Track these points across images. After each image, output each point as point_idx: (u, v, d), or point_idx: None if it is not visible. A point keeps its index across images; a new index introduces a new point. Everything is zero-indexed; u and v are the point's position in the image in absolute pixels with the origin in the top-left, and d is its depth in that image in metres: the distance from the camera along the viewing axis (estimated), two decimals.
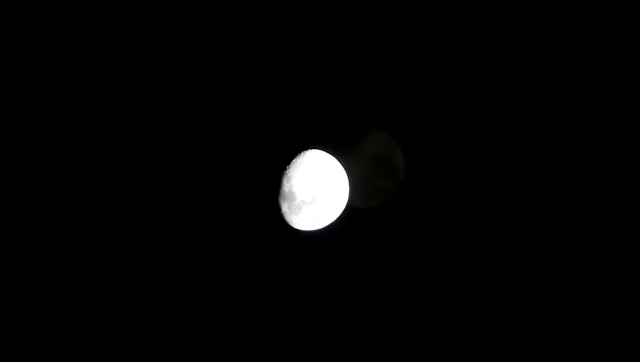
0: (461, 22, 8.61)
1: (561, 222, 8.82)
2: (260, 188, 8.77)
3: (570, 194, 8.80)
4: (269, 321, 8.96)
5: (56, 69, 8.43)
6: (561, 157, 8.79)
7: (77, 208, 8.65)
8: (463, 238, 9.00)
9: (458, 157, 8.91)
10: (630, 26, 8.43)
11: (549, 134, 8.78)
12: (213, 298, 8.88)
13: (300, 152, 8.72)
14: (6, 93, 8.34)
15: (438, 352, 9.01)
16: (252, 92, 8.74)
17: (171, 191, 8.76)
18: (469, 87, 8.76)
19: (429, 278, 9.05)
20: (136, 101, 8.66)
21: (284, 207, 8.66)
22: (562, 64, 8.64)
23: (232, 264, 8.87)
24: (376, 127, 8.87)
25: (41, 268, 8.60)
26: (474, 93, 8.77)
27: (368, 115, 8.81)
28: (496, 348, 8.90)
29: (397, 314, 9.11)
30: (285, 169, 8.68)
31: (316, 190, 8.60)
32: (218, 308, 8.90)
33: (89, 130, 8.59)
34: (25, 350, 8.56)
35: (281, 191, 8.66)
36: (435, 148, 8.91)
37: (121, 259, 8.74)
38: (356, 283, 9.07)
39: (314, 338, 8.99)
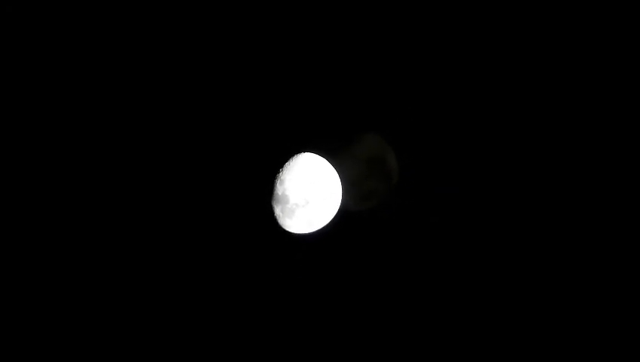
0: (453, 22, 8.61)
1: (560, 221, 8.81)
2: (253, 192, 8.77)
3: (570, 192, 8.79)
4: (263, 325, 8.96)
5: (57, 69, 8.45)
6: (559, 156, 8.78)
7: (71, 207, 8.67)
8: (458, 239, 9.00)
9: (450, 158, 8.91)
10: (630, 26, 8.43)
11: (545, 133, 8.78)
12: (205, 301, 8.88)
13: (293, 155, 8.72)
14: (6, 93, 8.36)
15: (439, 354, 9.00)
16: (245, 95, 8.75)
17: (165, 194, 8.77)
18: (460, 88, 8.76)
19: (424, 280, 9.05)
20: (131, 104, 8.68)
21: (278, 210, 8.66)
22: (558, 61, 8.63)
23: (225, 268, 8.87)
24: (368, 129, 8.87)
25: (38, 268, 8.62)
26: (465, 93, 8.77)
27: (360, 118, 8.81)
28: (496, 349, 8.89)
29: (393, 316, 9.10)
30: (278, 172, 8.68)
31: (310, 193, 8.60)
32: (211, 311, 8.90)
33: (87, 130, 8.62)
34: (25, 350, 8.59)
35: (275, 194, 8.66)
36: (427, 148, 8.91)
37: (115, 262, 8.75)
38: (352, 286, 9.06)
39: (309, 342, 8.99)
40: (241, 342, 8.95)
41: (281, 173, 8.66)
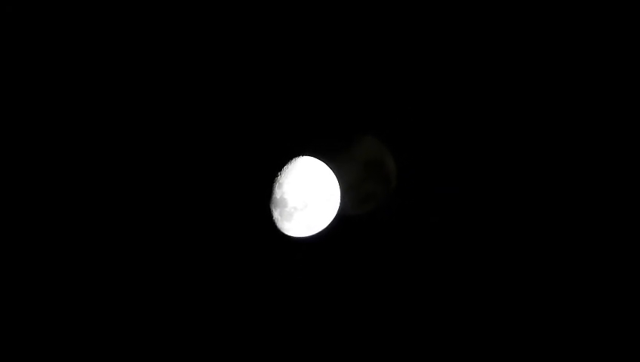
0: (450, 23, 8.58)
1: (560, 220, 8.80)
2: (251, 195, 8.78)
3: (569, 192, 8.78)
4: (262, 328, 8.98)
5: (57, 69, 8.46)
6: (558, 155, 8.76)
7: (70, 208, 8.70)
8: (458, 239, 9.00)
9: (450, 159, 8.90)
10: (630, 26, 8.39)
11: (544, 132, 8.76)
12: (204, 304, 8.91)
13: (292, 159, 8.72)
14: (6, 93, 8.38)
15: (439, 355, 9.01)
16: (243, 99, 8.75)
17: (162, 198, 8.79)
18: (457, 89, 8.74)
19: (424, 281, 9.06)
20: (130, 105, 8.69)
21: (276, 214, 8.67)
22: (556, 61, 8.61)
23: (224, 272, 8.89)
24: (366, 132, 8.86)
25: (38, 268, 8.66)
26: (463, 94, 8.76)
27: (358, 120, 8.81)
28: (496, 349, 8.91)
29: (394, 317, 9.11)
30: (277, 175, 8.68)
31: (308, 196, 8.60)
32: (210, 314, 8.93)
33: (86, 131, 8.64)
34: (25, 350, 8.64)
35: (273, 197, 8.67)
36: (426, 149, 8.90)
37: (114, 265, 8.78)
38: (351, 289, 9.07)
39: (309, 346, 9.01)
40: (241, 344, 8.98)
41: (279, 177, 8.67)
